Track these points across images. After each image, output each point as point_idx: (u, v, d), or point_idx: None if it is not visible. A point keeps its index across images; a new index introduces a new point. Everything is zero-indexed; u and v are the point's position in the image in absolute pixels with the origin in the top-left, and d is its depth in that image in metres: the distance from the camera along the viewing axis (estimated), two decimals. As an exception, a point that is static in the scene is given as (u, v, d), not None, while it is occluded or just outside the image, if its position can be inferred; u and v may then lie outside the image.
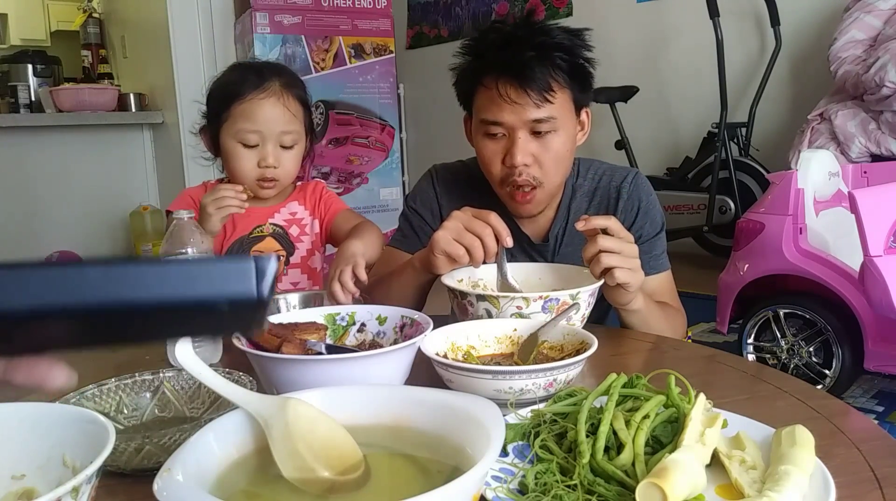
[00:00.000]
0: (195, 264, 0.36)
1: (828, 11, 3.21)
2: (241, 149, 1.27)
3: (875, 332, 1.83)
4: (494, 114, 1.13)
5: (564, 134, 1.15)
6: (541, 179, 1.16)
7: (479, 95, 1.17)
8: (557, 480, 0.57)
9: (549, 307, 0.96)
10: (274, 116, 1.26)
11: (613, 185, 1.26)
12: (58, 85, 4.15)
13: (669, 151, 3.84)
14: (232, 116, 1.26)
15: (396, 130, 4.24)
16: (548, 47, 1.11)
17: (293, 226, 1.36)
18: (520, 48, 1.11)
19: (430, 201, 1.33)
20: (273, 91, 1.26)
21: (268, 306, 0.37)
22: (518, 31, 1.14)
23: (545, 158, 1.15)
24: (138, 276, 0.35)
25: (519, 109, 1.11)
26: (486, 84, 1.14)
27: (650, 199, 1.26)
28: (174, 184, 4.19)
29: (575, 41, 1.15)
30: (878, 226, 1.68)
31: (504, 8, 4.65)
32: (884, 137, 2.57)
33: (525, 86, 1.10)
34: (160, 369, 0.79)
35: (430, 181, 1.35)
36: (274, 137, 1.26)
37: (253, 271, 0.36)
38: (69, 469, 0.52)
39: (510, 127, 1.13)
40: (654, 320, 1.12)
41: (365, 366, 0.75)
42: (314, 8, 3.91)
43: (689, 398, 0.65)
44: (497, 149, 1.16)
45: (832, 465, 0.57)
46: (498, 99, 1.12)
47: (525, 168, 1.14)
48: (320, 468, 0.56)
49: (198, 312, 0.36)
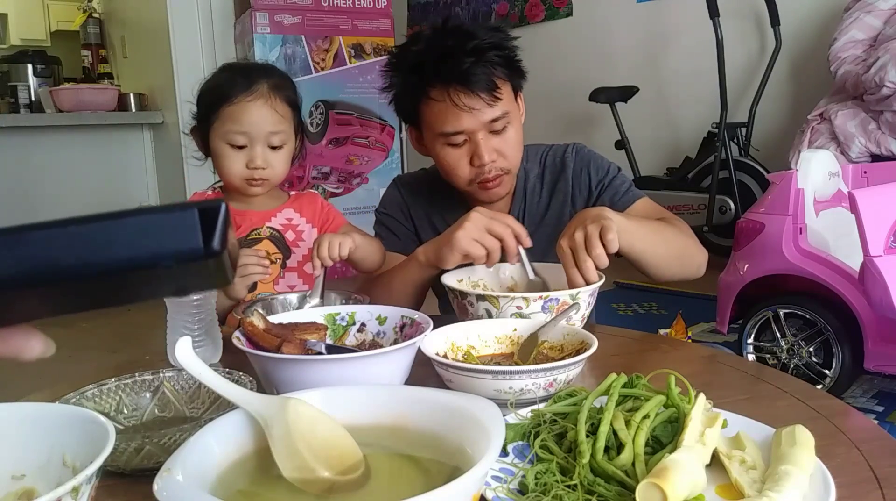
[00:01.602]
0: (130, 219, 0.32)
1: (828, 11, 3.21)
2: (230, 150, 1.28)
3: (875, 332, 1.82)
4: (453, 124, 1.18)
5: (516, 122, 1.23)
6: (507, 167, 1.24)
7: (429, 108, 1.20)
8: (557, 480, 0.57)
9: (549, 307, 0.96)
10: (261, 118, 1.27)
11: (557, 159, 1.35)
12: (58, 85, 4.16)
13: (669, 151, 3.84)
14: (220, 118, 1.28)
15: (396, 130, 4.23)
16: (482, 49, 1.16)
17: (289, 231, 1.36)
18: (458, 57, 1.15)
19: (398, 205, 1.40)
20: (261, 93, 1.27)
21: (222, 258, 0.32)
22: (448, 40, 1.18)
23: (506, 148, 1.22)
24: (66, 238, 0.31)
25: (476, 113, 1.17)
26: (434, 97, 1.18)
27: (594, 155, 1.35)
28: (174, 184, 4.19)
29: (499, 35, 1.20)
30: (878, 226, 1.68)
31: (504, 8, 4.66)
32: (884, 137, 2.57)
33: (475, 90, 1.15)
34: (160, 369, 0.79)
35: (396, 189, 1.42)
36: (262, 138, 1.27)
37: (196, 220, 0.31)
38: (69, 469, 0.52)
39: (470, 131, 1.19)
40: (660, 242, 1.12)
41: (365, 366, 0.75)
42: (314, 8, 3.91)
43: (689, 398, 0.65)
44: (461, 154, 1.22)
45: (832, 465, 0.57)
46: (453, 109, 1.17)
47: (493, 164, 1.21)
48: (320, 468, 0.56)
49: (141, 272, 0.32)
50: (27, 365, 1.46)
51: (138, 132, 4.42)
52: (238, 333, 0.83)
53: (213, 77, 1.35)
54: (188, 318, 0.94)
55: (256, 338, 0.82)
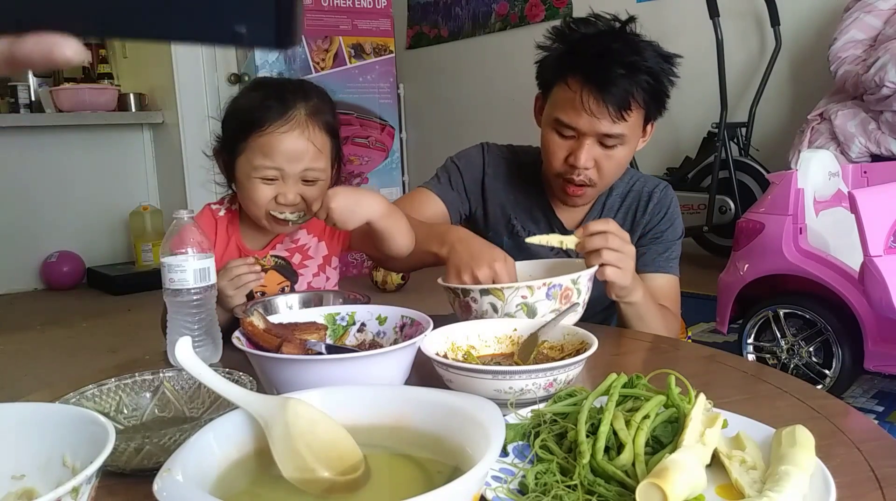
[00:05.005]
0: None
1: (828, 11, 3.21)
2: (259, 183, 1.13)
3: (875, 332, 1.83)
4: (570, 118, 1.17)
5: (629, 146, 1.21)
6: (596, 180, 1.22)
7: (560, 91, 1.19)
8: (557, 480, 0.57)
9: (552, 294, 0.97)
10: (297, 152, 1.11)
11: (646, 190, 1.34)
12: (58, 85, 4.15)
13: (669, 151, 3.83)
14: (249, 149, 1.12)
15: (396, 130, 4.24)
16: (638, 68, 1.14)
17: (295, 254, 1.25)
18: (611, 62, 1.13)
19: (475, 168, 1.37)
20: (297, 122, 1.11)
21: None
22: (614, 42, 1.16)
23: (605, 164, 1.20)
24: None
25: (594, 121, 1.15)
26: (569, 84, 1.17)
27: (676, 209, 1.35)
28: (174, 184, 4.19)
29: (664, 66, 1.18)
30: (878, 226, 1.68)
31: (504, 8, 4.66)
32: (884, 137, 2.57)
33: (606, 101, 1.14)
34: (160, 369, 0.79)
35: (480, 153, 1.39)
36: (295, 175, 1.13)
37: None
38: (69, 469, 0.52)
39: (581, 133, 1.17)
40: (650, 316, 1.15)
41: (365, 366, 0.75)
42: (314, 8, 3.91)
43: (690, 398, 0.65)
44: (563, 145, 1.21)
45: (832, 465, 0.57)
46: (577, 105, 1.15)
47: (585, 171, 1.19)
48: (320, 468, 0.56)
49: None
50: (27, 365, 1.48)
51: (138, 132, 4.42)
52: (238, 333, 0.83)
53: (243, 96, 1.18)
54: (188, 318, 0.94)
55: (256, 338, 0.82)
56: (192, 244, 0.93)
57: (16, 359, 2.88)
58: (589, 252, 1.04)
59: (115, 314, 3.52)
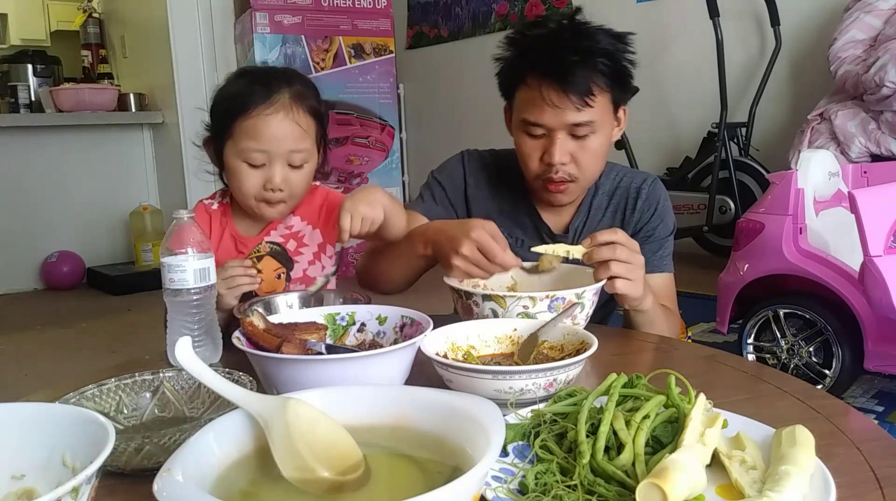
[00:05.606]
0: None
1: (828, 11, 3.21)
2: (246, 168, 1.16)
3: (875, 332, 1.83)
4: (535, 115, 1.16)
5: (602, 134, 1.19)
6: (576, 175, 1.20)
7: (522, 92, 1.19)
8: (557, 480, 0.57)
9: (555, 306, 0.96)
10: (282, 134, 1.14)
11: (633, 186, 1.31)
12: (58, 85, 4.16)
13: (669, 151, 3.84)
14: (236, 133, 1.15)
15: (396, 130, 4.23)
16: (592, 52, 1.13)
17: (290, 240, 1.27)
18: (564, 51, 1.13)
19: (456, 179, 1.35)
20: (282, 105, 1.15)
21: None
22: (563, 32, 1.16)
23: (582, 156, 1.18)
24: None
25: (559, 112, 1.14)
26: (528, 84, 1.17)
27: (666, 203, 1.32)
28: (174, 184, 4.19)
29: (618, 45, 1.17)
30: (878, 226, 1.68)
31: (504, 8, 4.66)
32: (884, 137, 2.57)
33: (567, 90, 1.13)
34: (160, 369, 0.79)
35: (460, 163, 1.37)
36: (282, 156, 1.16)
37: None
38: (69, 469, 0.52)
39: (550, 128, 1.16)
40: (658, 320, 1.15)
41: (365, 366, 0.75)
42: (314, 8, 3.91)
43: (690, 398, 0.65)
44: (536, 146, 1.20)
45: (832, 465, 0.57)
46: (539, 101, 1.15)
47: (562, 166, 1.18)
48: (320, 468, 0.56)
49: None
50: (27, 365, 1.48)
51: (138, 132, 4.42)
52: (238, 333, 0.83)
53: (229, 84, 1.22)
54: (188, 318, 0.94)
55: (256, 338, 0.82)
56: (191, 244, 0.93)
57: (16, 359, 2.87)
58: (597, 263, 1.02)
59: (115, 314, 3.52)
